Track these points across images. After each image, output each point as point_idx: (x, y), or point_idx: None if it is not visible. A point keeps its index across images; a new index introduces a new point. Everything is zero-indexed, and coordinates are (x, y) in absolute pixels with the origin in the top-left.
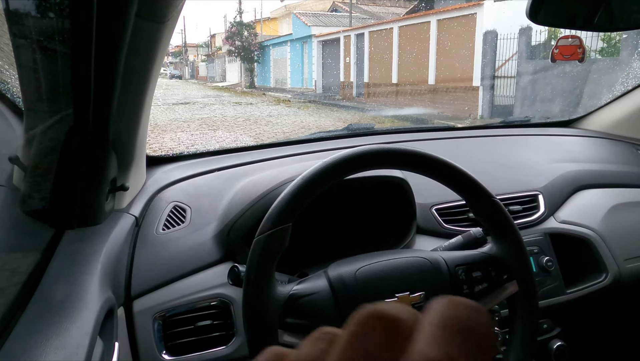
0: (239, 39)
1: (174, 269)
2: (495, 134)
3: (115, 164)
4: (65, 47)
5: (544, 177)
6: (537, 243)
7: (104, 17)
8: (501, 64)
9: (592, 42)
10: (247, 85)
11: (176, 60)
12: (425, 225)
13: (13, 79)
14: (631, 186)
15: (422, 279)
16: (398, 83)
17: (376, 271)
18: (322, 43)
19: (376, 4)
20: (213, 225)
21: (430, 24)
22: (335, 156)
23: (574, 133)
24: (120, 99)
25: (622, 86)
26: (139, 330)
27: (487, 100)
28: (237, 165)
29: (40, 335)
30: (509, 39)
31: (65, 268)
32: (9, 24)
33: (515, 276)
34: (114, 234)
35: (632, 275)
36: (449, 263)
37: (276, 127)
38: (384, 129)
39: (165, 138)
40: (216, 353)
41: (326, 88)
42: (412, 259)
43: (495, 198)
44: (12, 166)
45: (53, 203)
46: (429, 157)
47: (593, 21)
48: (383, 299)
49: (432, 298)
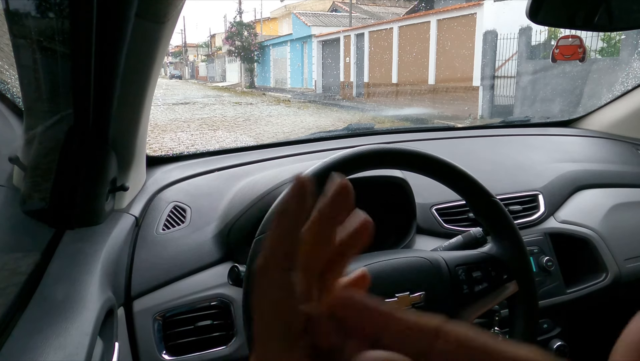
0: (239, 39)
1: (174, 269)
2: (495, 134)
3: (115, 164)
4: (65, 47)
5: (544, 177)
6: (537, 243)
7: (104, 17)
8: (501, 64)
9: (592, 42)
10: (247, 85)
11: (176, 60)
12: (425, 225)
13: (13, 79)
14: (631, 186)
15: (422, 279)
16: (398, 83)
17: (376, 271)
18: (322, 43)
19: (376, 4)
20: (213, 225)
21: (430, 24)
22: (335, 156)
23: (574, 133)
24: (120, 99)
25: (622, 86)
26: (139, 330)
27: (487, 100)
28: (237, 165)
29: (40, 335)
30: (509, 39)
31: (65, 268)
32: (9, 24)
33: (515, 276)
34: (114, 235)
35: (632, 275)
36: (449, 263)
37: (276, 127)
38: (384, 129)
39: (165, 138)
40: (216, 353)
41: (326, 88)
42: (412, 259)
43: (495, 198)
44: (12, 166)
45: (53, 203)
46: (429, 157)
47: (593, 21)
48: (383, 299)
49: (432, 298)
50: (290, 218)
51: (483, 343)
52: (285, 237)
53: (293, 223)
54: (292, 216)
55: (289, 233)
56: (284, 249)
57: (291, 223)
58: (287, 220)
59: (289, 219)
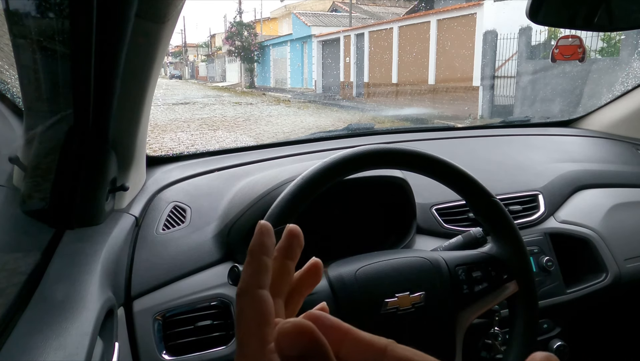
0: (239, 39)
1: (174, 269)
2: (495, 134)
3: (115, 164)
4: (65, 47)
5: (544, 177)
6: (537, 243)
7: (104, 17)
8: (501, 64)
9: (592, 42)
10: (247, 85)
11: (176, 60)
12: (425, 225)
13: (13, 79)
14: (631, 186)
15: (422, 279)
16: (398, 83)
17: (376, 271)
18: (322, 43)
19: (376, 4)
20: (213, 225)
21: (430, 24)
22: (335, 156)
23: (574, 133)
24: (120, 99)
25: (622, 86)
26: (139, 330)
27: (487, 100)
28: (237, 165)
29: (40, 335)
30: (509, 39)
31: (65, 268)
32: (9, 24)
33: (515, 276)
34: (114, 235)
35: (632, 275)
36: (449, 263)
37: (276, 127)
38: (384, 129)
39: (165, 138)
40: (216, 353)
41: (326, 88)
42: (412, 259)
43: (495, 198)
44: (12, 166)
45: (53, 203)
46: (429, 157)
47: (593, 21)
48: (383, 299)
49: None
50: (259, 254)
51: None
52: (258, 267)
53: (262, 257)
54: (260, 252)
55: (260, 264)
56: (258, 276)
57: (260, 257)
58: (257, 255)
59: (258, 255)
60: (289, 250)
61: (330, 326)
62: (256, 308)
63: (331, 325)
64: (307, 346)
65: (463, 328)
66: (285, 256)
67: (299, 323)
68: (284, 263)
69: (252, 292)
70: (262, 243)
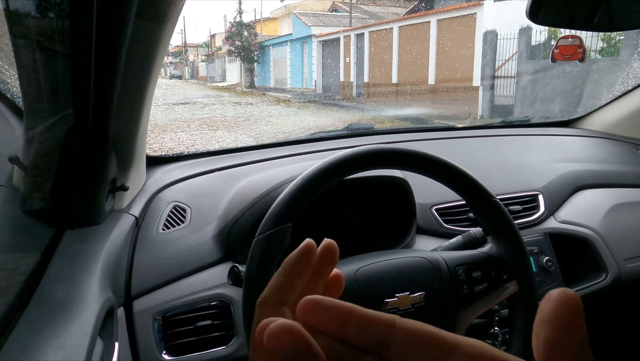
0: (239, 39)
1: (174, 269)
2: (495, 134)
3: (115, 164)
4: (65, 47)
5: (544, 177)
6: (537, 243)
7: (103, 17)
8: (501, 64)
9: (592, 42)
10: (247, 85)
11: (176, 60)
12: (425, 225)
13: (13, 79)
14: (631, 186)
15: (422, 279)
16: (398, 83)
17: (376, 271)
18: (322, 43)
19: (376, 4)
20: (213, 225)
21: (430, 24)
22: (335, 156)
23: (574, 133)
24: (120, 99)
25: (622, 86)
26: (139, 330)
27: (487, 100)
28: (237, 165)
29: (40, 335)
30: (509, 39)
31: (65, 268)
32: (9, 24)
33: (515, 276)
34: (114, 235)
35: (632, 275)
36: (449, 263)
37: (276, 127)
38: (384, 129)
39: (165, 138)
40: (216, 353)
41: (326, 88)
42: (412, 259)
43: (495, 198)
44: (12, 166)
45: (53, 203)
46: (428, 157)
47: (593, 21)
48: (383, 299)
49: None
50: (292, 270)
51: (435, 333)
52: (286, 283)
53: (293, 275)
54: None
55: (289, 281)
56: (282, 291)
57: (292, 275)
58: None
59: (291, 271)
60: (322, 267)
61: (332, 308)
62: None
63: (333, 307)
64: (292, 348)
65: (463, 328)
66: (317, 273)
67: (284, 324)
68: (315, 279)
69: (273, 307)
70: (300, 261)
